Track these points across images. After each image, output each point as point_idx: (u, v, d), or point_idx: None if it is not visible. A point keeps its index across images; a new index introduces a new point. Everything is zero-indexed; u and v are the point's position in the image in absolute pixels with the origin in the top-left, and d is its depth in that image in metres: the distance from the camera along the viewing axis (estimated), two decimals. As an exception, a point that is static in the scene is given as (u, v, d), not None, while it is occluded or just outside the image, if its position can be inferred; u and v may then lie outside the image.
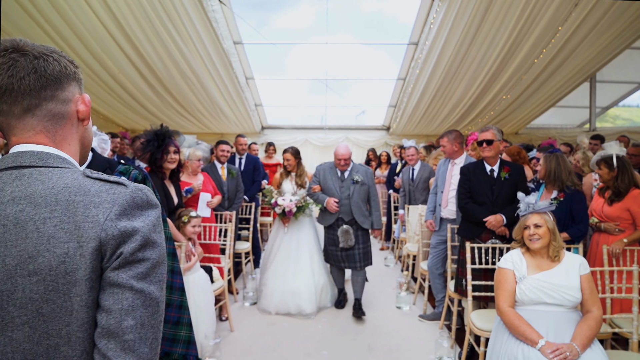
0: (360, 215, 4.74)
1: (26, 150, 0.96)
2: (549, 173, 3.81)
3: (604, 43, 7.27)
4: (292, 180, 5.21)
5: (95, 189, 0.92)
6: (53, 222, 0.88)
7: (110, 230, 0.89)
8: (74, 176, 0.94)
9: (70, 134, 1.03)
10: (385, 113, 11.23)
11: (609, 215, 3.89)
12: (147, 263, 0.92)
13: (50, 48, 0.99)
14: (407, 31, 8.15)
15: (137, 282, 0.90)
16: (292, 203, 4.92)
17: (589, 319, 2.57)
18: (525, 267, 2.76)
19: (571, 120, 11.81)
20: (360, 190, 4.76)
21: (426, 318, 4.70)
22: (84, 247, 0.88)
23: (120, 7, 5.91)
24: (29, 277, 0.86)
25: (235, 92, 8.97)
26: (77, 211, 0.89)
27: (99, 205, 0.91)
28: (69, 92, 1.01)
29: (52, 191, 0.90)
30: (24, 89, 0.94)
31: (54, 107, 0.98)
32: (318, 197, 4.86)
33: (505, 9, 6.17)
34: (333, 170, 4.87)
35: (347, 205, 4.73)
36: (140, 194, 0.96)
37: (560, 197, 3.75)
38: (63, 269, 0.87)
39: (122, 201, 0.92)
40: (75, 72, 1.04)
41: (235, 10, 7.20)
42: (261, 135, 11.31)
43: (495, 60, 7.46)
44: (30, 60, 0.94)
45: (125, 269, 0.90)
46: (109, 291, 0.90)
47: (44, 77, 0.95)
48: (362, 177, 4.77)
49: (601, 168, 3.91)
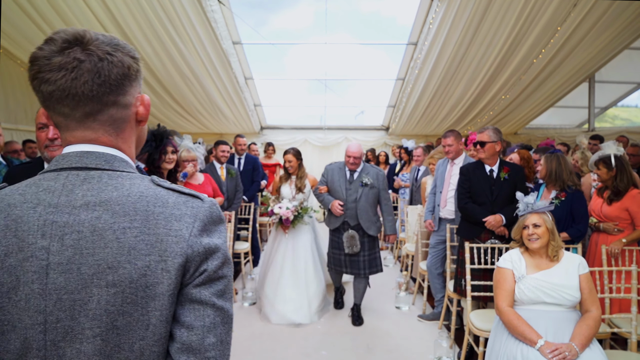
0: (366, 220, 4.49)
1: (91, 151, 0.92)
2: (550, 173, 3.81)
3: (602, 43, 7.28)
4: (291, 184, 4.97)
5: (173, 201, 0.90)
6: (133, 232, 0.85)
7: (196, 246, 0.88)
8: (144, 184, 0.92)
9: (130, 136, 0.99)
10: (385, 113, 11.24)
11: (607, 215, 3.89)
12: (225, 280, 0.92)
13: (114, 42, 0.92)
14: (406, 31, 8.16)
15: (217, 299, 0.90)
16: (289, 211, 4.72)
17: (587, 318, 2.58)
18: (525, 267, 2.77)
19: (570, 120, 11.82)
20: (369, 194, 4.50)
21: (425, 318, 4.70)
22: (168, 262, 0.85)
23: (119, 7, 5.91)
24: (107, 288, 0.83)
25: (235, 92, 8.97)
26: (157, 223, 0.86)
27: (180, 219, 0.88)
28: (130, 95, 0.96)
29: (128, 199, 0.87)
30: (87, 94, 0.88)
31: (116, 113, 0.94)
32: (324, 199, 4.63)
33: (504, 9, 6.18)
34: (342, 171, 4.60)
35: (354, 209, 4.49)
36: (215, 209, 0.94)
37: (561, 197, 3.75)
38: (143, 282, 0.84)
39: (202, 216, 0.91)
40: (138, 70, 0.97)
41: (234, 11, 7.20)
42: (260, 136, 11.31)
43: (494, 60, 7.46)
44: (95, 63, 0.87)
45: (207, 285, 0.89)
46: (190, 307, 0.88)
47: (107, 83, 0.89)
48: (372, 179, 4.50)
49: (600, 168, 3.91)
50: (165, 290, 0.85)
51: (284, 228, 4.91)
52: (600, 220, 3.95)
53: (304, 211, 4.86)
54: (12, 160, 5.52)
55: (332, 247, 4.71)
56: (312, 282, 4.80)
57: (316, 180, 5.02)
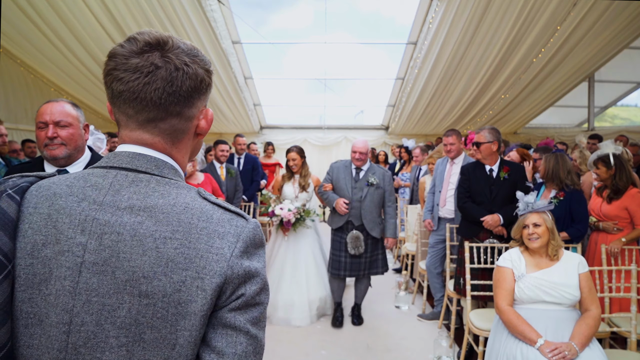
0: (370, 221, 4.38)
1: (143, 154, 0.90)
2: (548, 172, 3.82)
3: (602, 42, 7.28)
4: (294, 183, 4.79)
5: (217, 217, 0.86)
6: (174, 244, 0.81)
7: (237, 268, 0.83)
8: (191, 195, 0.89)
9: (185, 147, 0.97)
10: (384, 112, 11.25)
11: (607, 214, 3.89)
12: (261, 307, 0.88)
13: (194, 52, 0.92)
14: (405, 31, 8.17)
15: (252, 326, 0.85)
16: (290, 213, 4.54)
17: (587, 317, 2.58)
18: (524, 266, 2.77)
19: (570, 119, 11.83)
20: (375, 194, 4.39)
21: (425, 317, 4.70)
22: (205, 280, 0.81)
23: (118, 6, 5.90)
24: (139, 297, 0.79)
25: (234, 92, 8.97)
26: (200, 238, 0.83)
27: (223, 237, 0.84)
28: (195, 108, 0.94)
29: (173, 209, 0.84)
30: (155, 101, 0.87)
31: (178, 123, 0.92)
32: (328, 197, 4.49)
33: (503, 8, 6.18)
34: (348, 169, 4.48)
35: (358, 209, 4.37)
36: (259, 232, 0.90)
37: (560, 196, 3.75)
38: (177, 298, 0.80)
39: (245, 237, 0.87)
40: (209, 84, 0.96)
41: (234, 10, 7.20)
42: (260, 135, 11.32)
43: (494, 59, 7.46)
44: (170, 72, 0.86)
45: (243, 311, 0.85)
46: (222, 332, 0.83)
47: (177, 93, 0.88)
48: (378, 179, 4.39)
49: (599, 167, 3.92)
50: (199, 309, 0.81)
51: (284, 230, 4.74)
52: (599, 220, 3.95)
53: (307, 214, 4.69)
54: (11, 160, 5.52)
55: (333, 248, 4.54)
56: (313, 286, 4.68)
57: (319, 180, 4.88)
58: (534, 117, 10.56)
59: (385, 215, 4.50)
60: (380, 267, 4.53)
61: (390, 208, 4.49)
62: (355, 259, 4.42)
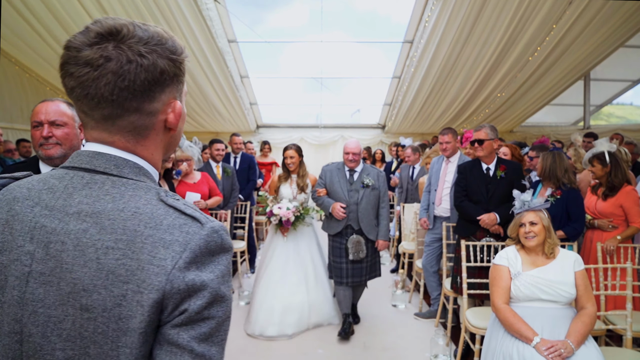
0: (367, 224, 4.23)
1: (103, 153, 0.85)
2: (545, 170, 3.82)
3: (597, 41, 7.30)
4: (291, 184, 4.57)
5: (168, 223, 0.79)
6: (116, 254, 0.75)
7: (177, 282, 0.75)
8: (147, 197, 0.82)
9: (153, 143, 0.90)
10: (381, 111, 11.25)
11: (602, 212, 3.90)
12: (212, 322, 0.79)
13: (156, 38, 0.83)
14: (402, 29, 8.16)
15: (198, 344, 0.77)
16: (290, 212, 4.34)
17: (583, 315, 2.58)
18: (520, 264, 2.77)
19: (565, 118, 11.86)
20: (370, 196, 4.24)
21: (422, 316, 4.71)
22: (144, 295, 0.75)
23: (113, 5, 5.88)
24: (81, 311, 0.75)
25: (230, 91, 8.95)
26: (143, 247, 0.76)
27: (169, 246, 0.77)
28: (159, 101, 0.86)
29: (121, 214, 0.78)
30: (107, 97, 0.80)
31: (138, 120, 0.85)
32: (323, 202, 4.30)
33: (499, 6, 6.19)
34: (341, 172, 4.31)
35: (355, 212, 4.21)
36: (215, 238, 0.81)
37: (556, 195, 3.76)
38: (117, 313, 0.75)
39: (194, 246, 0.78)
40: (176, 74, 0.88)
41: (229, 9, 7.18)
42: (256, 134, 11.30)
43: (490, 58, 7.48)
44: (122, 65, 0.79)
45: (188, 327, 0.77)
46: (167, 349, 0.77)
47: (131, 88, 0.81)
48: (373, 180, 4.24)
49: (594, 165, 3.93)
50: (137, 326, 0.75)
51: (283, 231, 4.53)
52: (594, 217, 3.97)
53: (306, 212, 4.50)
54: (5, 160, 5.49)
55: (333, 255, 4.33)
56: (314, 288, 4.46)
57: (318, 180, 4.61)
58: (530, 115, 10.59)
59: (379, 217, 4.35)
60: (378, 270, 4.46)
61: (384, 210, 4.35)
62: (356, 264, 4.24)
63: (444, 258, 4.34)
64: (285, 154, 4.54)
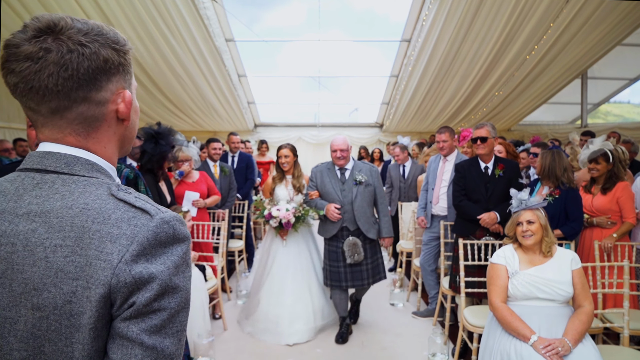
0: (364, 222, 4.02)
1: (53, 152, 0.84)
2: (544, 169, 3.82)
3: (595, 39, 7.31)
4: (287, 185, 4.38)
5: (116, 217, 0.79)
6: (64, 252, 0.76)
7: (123, 276, 0.75)
8: (97, 193, 0.82)
9: (106, 136, 0.89)
10: (379, 110, 11.26)
11: (599, 208, 3.91)
12: (164, 313, 0.79)
13: (97, 29, 0.84)
14: (399, 28, 8.16)
15: (149, 336, 0.77)
16: (289, 213, 4.13)
17: (580, 313, 2.59)
18: (518, 263, 2.77)
19: (563, 116, 11.89)
20: (365, 192, 4.04)
21: (419, 315, 4.71)
22: (92, 290, 0.75)
23: (110, 5, 5.86)
24: (32, 310, 0.76)
25: (228, 90, 8.94)
26: (91, 243, 0.76)
27: (115, 240, 0.77)
28: (107, 90, 0.86)
29: (69, 212, 0.78)
30: (52, 88, 0.80)
31: (86, 110, 0.85)
32: (316, 204, 4.12)
33: (497, 5, 6.19)
34: (332, 172, 4.13)
35: (351, 212, 4.01)
36: (166, 229, 0.81)
37: (555, 194, 3.76)
38: (68, 310, 0.75)
39: (142, 238, 0.78)
40: (121, 63, 0.87)
41: (227, 8, 7.17)
42: (254, 133, 11.30)
43: (488, 56, 7.48)
44: (63, 55, 0.79)
45: (138, 320, 0.77)
46: (119, 342, 0.77)
47: (75, 77, 0.80)
48: (366, 176, 4.06)
49: (599, 162, 3.89)
50: (87, 322, 0.75)
51: (283, 234, 4.32)
52: (592, 215, 3.97)
53: (306, 212, 4.21)
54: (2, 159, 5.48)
55: (329, 260, 4.13)
56: (317, 293, 4.31)
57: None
58: (527, 114, 10.61)
59: (379, 214, 4.18)
60: (383, 272, 4.21)
61: (382, 205, 4.18)
62: (355, 267, 4.06)
63: (442, 257, 4.34)
64: (279, 153, 4.40)
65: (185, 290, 0.82)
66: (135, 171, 2.54)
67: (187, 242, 0.85)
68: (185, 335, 0.84)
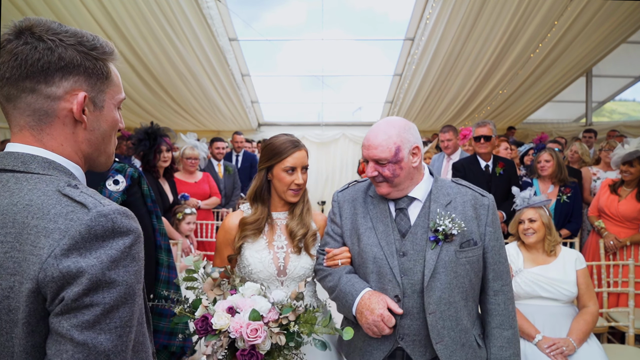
0: (451, 342, 1.69)
1: (12, 151, 0.88)
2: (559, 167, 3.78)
3: (599, 37, 7.27)
4: (274, 234, 2.03)
5: (56, 212, 0.79)
6: (4, 247, 0.77)
7: (50, 270, 0.74)
8: (45, 189, 0.82)
9: (62, 134, 0.90)
10: (382, 109, 11.23)
11: (624, 214, 3.76)
12: (97, 309, 0.76)
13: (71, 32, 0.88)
14: (401, 27, 8.15)
15: (80, 332, 0.75)
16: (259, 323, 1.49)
17: (585, 313, 2.58)
18: (522, 261, 2.76)
19: (567, 115, 11.82)
20: (461, 261, 1.71)
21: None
22: (24, 285, 0.75)
23: (114, 4, 5.88)
24: None
25: (231, 89, 8.95)
26: (28, 239, 0.77)
27: (49, 234, 0.76)
28: (59, 87, 0.87)
29: (13, 208, 0.79)
30: (3, 74, 0.85)
31: (34, 102, 0.87)
32: (339, 285, 1.80)
33: (501, 3, 6.17)
34: (375, 201, 1.89)
35: (421, 312, 1.70)
36: (102, 222, 0.79)
37: (566, 192, 3.73)
38: (7, 305, 0.76)
39: (74, 232, 0.77)
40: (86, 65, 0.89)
41: (230, 7, 7.18)
42: (257, 132, 11.30)
43: (492, 55, 7.45)
44: (17, 45, 0.84)
45: (69, 315, 0.75)
46: (54, 338, 0.77)
47: (23, 67, 0.84)
48: (459, 219, 1.72)
49: (634, 165, 3.78)
50: (21, 317, 0.76)
51: None
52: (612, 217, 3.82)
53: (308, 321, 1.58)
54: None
55: None
56: None
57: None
58: (531, 112, 10.56)
59: (488, 317, 1.80)
60: None
61: (501, 296, 1.79)
62: None
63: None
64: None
65: (125, 285, 0.80)
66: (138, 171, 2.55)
67: (132, 235, 0.83)
68: (133, 331, 0.82)
